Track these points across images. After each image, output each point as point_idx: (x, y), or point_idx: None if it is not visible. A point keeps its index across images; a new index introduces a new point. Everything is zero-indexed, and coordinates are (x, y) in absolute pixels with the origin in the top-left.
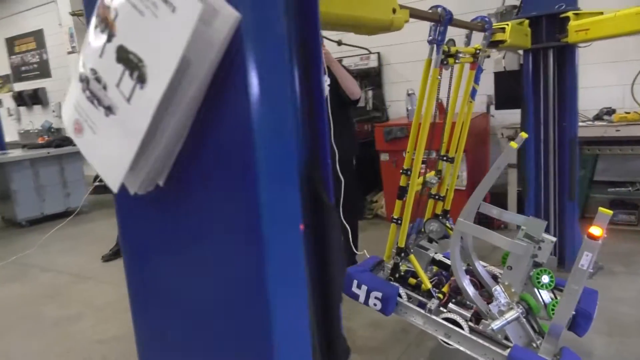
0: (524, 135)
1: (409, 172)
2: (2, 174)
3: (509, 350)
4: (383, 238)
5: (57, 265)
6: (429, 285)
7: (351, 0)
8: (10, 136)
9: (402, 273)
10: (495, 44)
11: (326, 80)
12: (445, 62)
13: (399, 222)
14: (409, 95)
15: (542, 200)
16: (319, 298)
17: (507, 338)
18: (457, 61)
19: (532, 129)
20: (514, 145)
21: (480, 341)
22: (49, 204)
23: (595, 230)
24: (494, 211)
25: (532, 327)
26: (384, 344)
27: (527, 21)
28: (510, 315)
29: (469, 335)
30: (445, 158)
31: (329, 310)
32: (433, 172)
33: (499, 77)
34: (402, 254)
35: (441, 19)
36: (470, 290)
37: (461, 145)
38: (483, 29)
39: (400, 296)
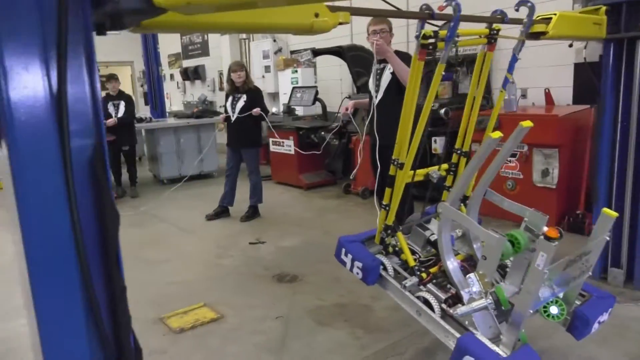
0: (495, 135)
1: (395, 163)
2: (153, 138)
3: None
4: None
5: (171, 218)
6: (412, 263)
7: (263, 10)
8: (177, 106)
9: (397, 249)
10: (535, 36)
11: (388, 69)
12: (430, 48)
13: (387, 208)
14: (509, 83)
15: (613, 208)
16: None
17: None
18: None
19: (609, 129)
20: (495, 135)
21: (442, 323)
22: (186, 167)
23: (552, 231)
24: (495, 198)
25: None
26: (393, 326)
27: (603, 8)
28: (478, 304)
29: (433, 316)
30: (459, 152)
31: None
32: (437, 167)
33: (578, 69)
34: (389, 231)
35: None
36: (454, 273)
37: (468, 140)
38: (502, 21)
39: (386, 269)
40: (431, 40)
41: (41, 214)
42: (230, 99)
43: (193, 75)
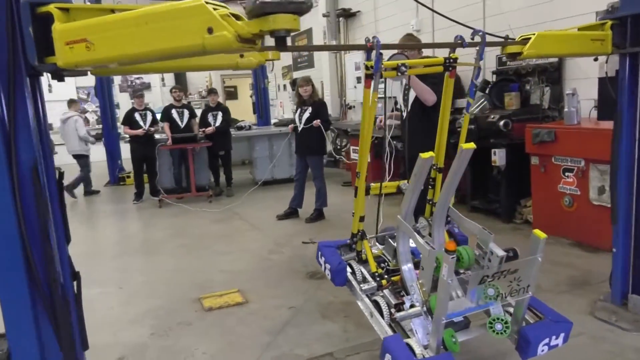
0: (466, 146)
1: (358, 175)
2: (250, 144)
3: None
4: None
5: (249, 216)
6: (374, 269)
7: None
8: (289, 114)
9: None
10: (512, 56)
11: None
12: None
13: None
14: (569, 95)
15: (632, 229)
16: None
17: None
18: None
19: (628, 145)
20: (466, 146)
21: (383, 325)
22: (278, 170)
23: (450, 245)
24: (454, 216)
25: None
26: None
27: (609, 23)
28: (414, 310)
29: (379, 318)
30: (435, 167)
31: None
32: (408, 179)
33: (602, 83)
34: (354, 239)
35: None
36: (407, 282)
37: (441, 156)
38: (460, 45)
39: (354, 274)
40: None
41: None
42: (298, 110)
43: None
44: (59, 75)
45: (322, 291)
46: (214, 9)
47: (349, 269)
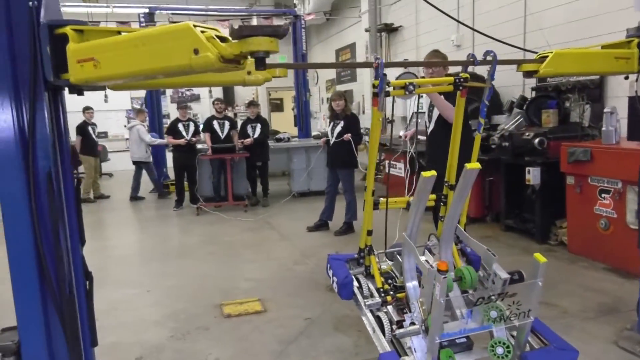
0: (471, 166)
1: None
2: (288, 156)
3: None
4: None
5: (280, 226)
6: (379, 285)
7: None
8: None
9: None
10: (529, 74)
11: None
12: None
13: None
14: (607, 113)
15: None
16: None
17: None
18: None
19: None
20: (471, 166)
21: (383, 341)
22: (315, 182)
23: (442, 264)
24: (461, 236)
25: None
26: None
27: (636, 41)
28: (413, 329)
29: (379, 334)
30: (447, 184)
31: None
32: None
33: (631, 103)
34: (362, 254)
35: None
36: (410, 299)
37: (452, 173)
38: (472, 63)
39: (361, 288)
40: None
41: (14, 206)
42: (331, 124)
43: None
44: (77, 90)
45: (338, 304)
46: (202, 32)
47: (355, 283)
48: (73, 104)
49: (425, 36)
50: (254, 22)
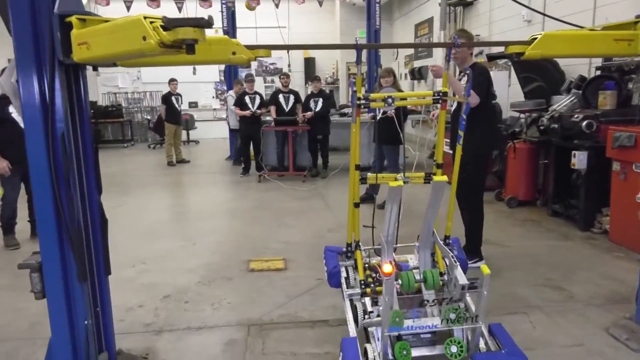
0: (437, 179)
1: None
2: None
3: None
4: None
5: (329, 197)
6: (362, 277)
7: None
8: None
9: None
10: (516, 56)
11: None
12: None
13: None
14: None
15: None
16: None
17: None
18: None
19: None
20: (437, 179)
21: (352, 328)
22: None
23: (386, 267)
24: (437, 240)
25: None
26: None
27: None
28: (376, 320)
29: (351, 321)
30: (434, 162)
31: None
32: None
33: None
34: (349, 247)
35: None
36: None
37: (439, 154)
38: (453, 45)
39: (348, 279)
40: (363, 101)
41: (38, 158)
42: None
43: (418, 74)
44: (93, 66)
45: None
46: (151, 22)
47: (344, 274)
48: (162, 76)
49: (498, 11)
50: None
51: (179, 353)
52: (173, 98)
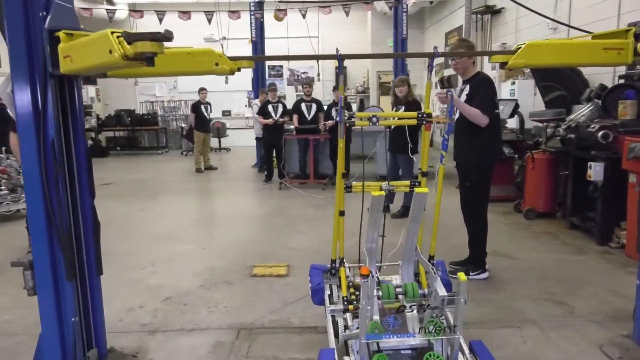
0: (419, 190)
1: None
2: (373, 140)
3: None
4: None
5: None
6: (345, 294)
7: (174, 63)
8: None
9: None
10: (501, 65)
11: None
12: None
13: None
14: None
15: None
16: None
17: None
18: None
19: None
20: (419, 190)
21: (332, 342)
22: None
23: (364, 270)
24: (419, 256)
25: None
26: None
27: (633, 30)
28: (354, 332)
29: (331, 336)
30: (419, 171)
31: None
32: (387, 182)
33: None
34: (332, 264)
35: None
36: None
37: (425, 161)
38: (434, 55)
39: (331, 295)
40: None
41: (30, 162)
42: (394, 109)
43: (447, 83)
44: (89, 79)
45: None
46: (118, 37)
47: (328, 291)
48: (196, 85)
49: (525, 19)
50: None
51: (166, 353)
52: (202, 107)
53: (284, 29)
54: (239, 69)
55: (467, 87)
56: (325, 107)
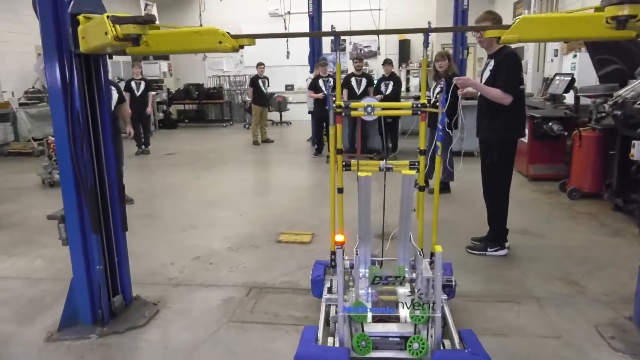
0: (405, 172)
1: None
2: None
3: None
4: None
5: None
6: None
7: (182, 41)
8: None
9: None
10: (497, 40)
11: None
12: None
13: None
14: None
15: None
16: None
17: None
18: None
19: None
20: (405, 172)
21: (321, 322)
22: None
23: (338, 237)
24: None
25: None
26: None
27: None
28: (334, 297)
29: (321, 319)
30: (418, 150)
31: None
32: (385, 159)
33: None
34: (332, 257)
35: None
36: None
37: (422, 140)
38: (427, 31)
39: (330, 288)
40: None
41: (60, 129)
42: (434, 84)
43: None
44: (109, 55)
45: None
46: (121, 22)
47: (327, 284)
48: (257, 60)
49: None
50: None
51: (183, 303)
52: (260, 81)
53: (346, 2)
54: (242, 47)
55: (492, 62)
56: (375, 82)
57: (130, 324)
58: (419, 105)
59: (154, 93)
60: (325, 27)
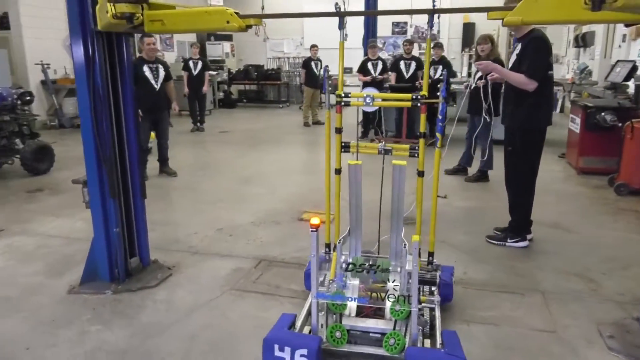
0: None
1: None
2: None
3: None
4: None
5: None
6: (332, 277)
7: (193, 20)
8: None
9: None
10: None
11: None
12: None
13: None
14: None
15: None
16: None
17: None
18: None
19: None
20: (397, 163)
21: (304, 310)
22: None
23: (314, 220)
24: None
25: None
26: None
27: None
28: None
29: (305, 306)
30: (418, 134)
31: None
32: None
33: None
34: (327, 249)
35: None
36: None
37: (422, 125)
38: (433, 11)
39: (323, 281)
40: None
41: (83, 102)
42: (474, 70)
43: (582, 41)
44: (129, 33)
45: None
46: (116, 1)
47: (321, 278)
48: (323, 41)
49: None
50: None
51: (195, 270)
52: (312, 63)
53: None
54: (250, 26)
55: (519, 46)
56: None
57: (143, 284)
58: (419, 97)
59: (214, 73)
60: (383, 6)
